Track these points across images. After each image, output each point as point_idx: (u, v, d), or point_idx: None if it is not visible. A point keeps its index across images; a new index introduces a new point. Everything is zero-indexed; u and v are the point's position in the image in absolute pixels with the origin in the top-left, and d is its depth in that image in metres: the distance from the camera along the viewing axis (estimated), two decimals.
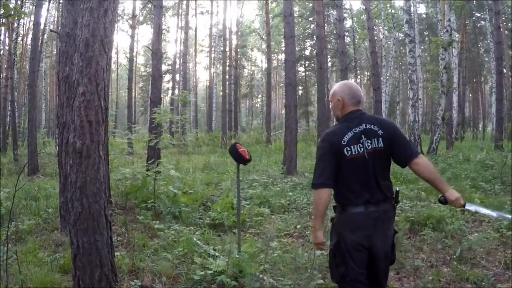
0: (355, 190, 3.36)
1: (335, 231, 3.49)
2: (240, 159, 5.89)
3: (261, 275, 5.09)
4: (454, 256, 5.74)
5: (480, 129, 42.33)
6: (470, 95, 46.86)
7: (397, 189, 3.59)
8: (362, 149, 3.36)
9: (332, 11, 37.10)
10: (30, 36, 29.95)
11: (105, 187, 4.53)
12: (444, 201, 3.46)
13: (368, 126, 3.42)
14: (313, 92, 46.52)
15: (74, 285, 4.39)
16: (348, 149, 3.34)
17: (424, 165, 3.42)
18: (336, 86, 3.68)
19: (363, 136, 3.38)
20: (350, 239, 3.37)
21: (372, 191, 3.37)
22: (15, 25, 25.67)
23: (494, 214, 4.12)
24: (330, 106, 3.69)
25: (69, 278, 4.97)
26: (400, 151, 3.44)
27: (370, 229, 3.37)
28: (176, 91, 39.32)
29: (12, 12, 4.92)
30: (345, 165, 3.35)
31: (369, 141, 3.38)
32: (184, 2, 40.44)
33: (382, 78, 31.02)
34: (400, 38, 38.10)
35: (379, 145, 3.39)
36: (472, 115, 46.00)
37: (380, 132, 3.41)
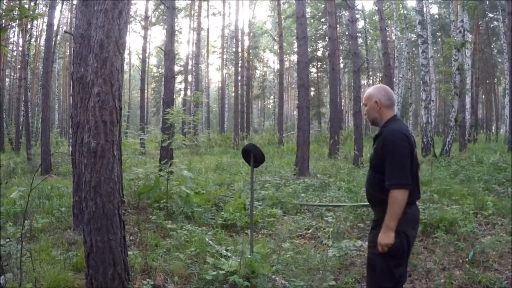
0: (415, 189, 3.44)
1: (398, 231, 3.35)
2: (260, 157, 5.89)
3: (273, 276, 5.10)
4: (467, 259, 5.71)
5: (493, 131, 42.00)
6: (483, 97, 46.52)
7: None
8: (413, 151, 3.45)
9: (344, 12, 37.11)
10: (43, 37, 30.29)
11: (119, 186, 4.57)
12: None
13: (412, 133, 3.65)
14: (325, 93, 46.53)
15: (87, 284, 4.42)
16: (415, 148, 3.47)
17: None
18: (371, 89, 3.74)
19: (412, 140, 3.49)
20: (412, 236, 3.46)
21: (419, 190, 3.56)
22: (29, 26, 25.91)
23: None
24: (365, 109, 3.72)
25: (81, 276, 5.01)
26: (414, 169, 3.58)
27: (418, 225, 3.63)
28: (189, 92, 39.42)
29: (27, 14, 4.96)
30: (411, 165, 3.39)
31: (415, 146, 3.51)
32: (196, 3, 40.58)
33: (394, 79, 30.87)
34: (413, 39, 37.97)
35: (416, 153, 3.52)
36: (485, 117, 45.66)
37: (415, 142, 3.57)
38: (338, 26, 33.46)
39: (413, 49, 39.97)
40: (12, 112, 36.01)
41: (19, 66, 30.46)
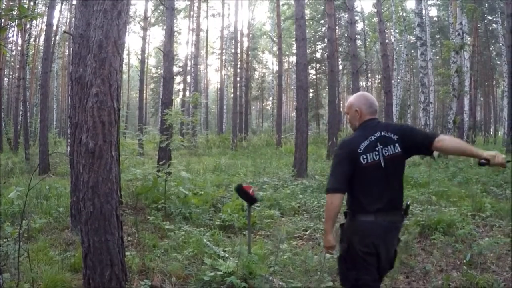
0: (368, 198, 3.40)
1: (345, 237, 3.54)
2: (249, 198, 5.83)
3: (271, 277, 5.09)
4: (464, 261, 5.71)
5: (491, 133, 41.99)
6: (482, 99, 46.52)
7: (408, 203, 3.62)
8: (378, 156, 3.41)
9: (343, 14, 37.12)
10: (42, 37, 30.30)
11: (117, 187, 4.57)
12: (485, 162, 3.21)
13: (383, 133, 3.47)
14: (324, 95, 46.52)
15: (84, 284, 4.43)
16: (364, 157, 3.39)
17: (448, 139, 3.41)
18: (352, 98, 3.73)
19: (378, 143, 3.43)
20: (358, 246, 3.43)
21: (384, 200, 3.41)
22: (28, 26, 25.93)
23: None
24: (347, 118, 3.75)
25: (79, 276, 5.01)
26: (420, 139, 3.44)
27: (377, 237, 3.42)
28: (187, 93, 39.34)
29: (27, 14, 4.96)
30: (360, 173, 3.40)
31: (386, 148, 3.43)
32: (196, 4, 40.55)
33: (393, 81, 30.84)
34: (412, 41, 38.03)
35: (396, 151, 3.44)
36: (483, 119, 45.60)
37: (395, 137, 3.46)
38: (337, 28, 33.46)
39: (412, 51, 40.03)
40: (10, 112, 36.01)
41: (18, 66, 30.49)
